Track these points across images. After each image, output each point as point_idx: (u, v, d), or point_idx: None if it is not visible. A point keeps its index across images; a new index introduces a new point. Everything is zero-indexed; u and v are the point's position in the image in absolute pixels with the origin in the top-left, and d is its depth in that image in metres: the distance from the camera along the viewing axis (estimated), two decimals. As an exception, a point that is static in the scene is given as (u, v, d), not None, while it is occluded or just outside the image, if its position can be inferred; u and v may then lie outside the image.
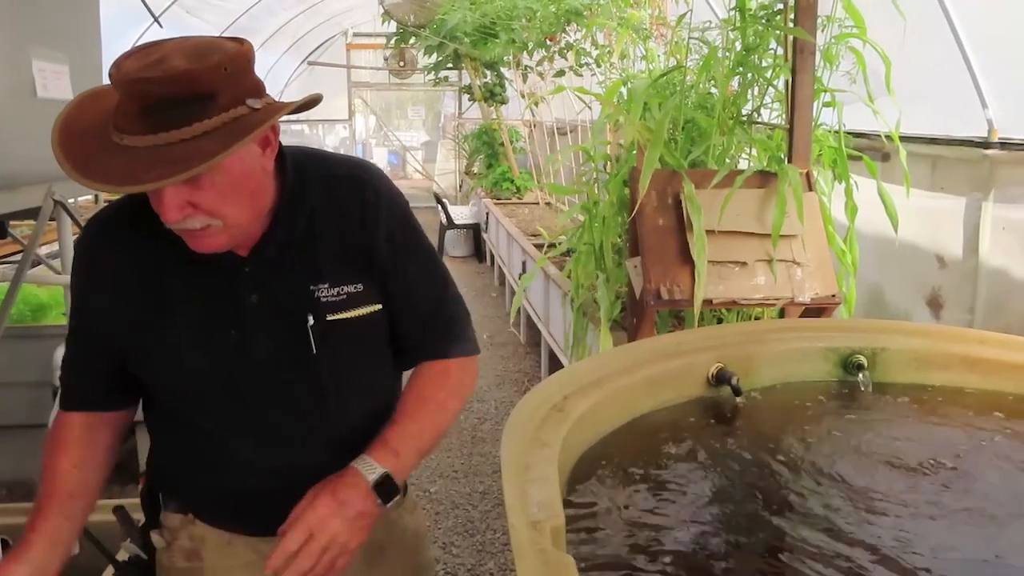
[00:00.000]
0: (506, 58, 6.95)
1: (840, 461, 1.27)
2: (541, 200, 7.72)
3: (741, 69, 2.47)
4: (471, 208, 9.14)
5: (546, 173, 7.76)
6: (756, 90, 2.52)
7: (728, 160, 2.50)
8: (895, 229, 2.38)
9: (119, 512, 1.38)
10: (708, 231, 2.10)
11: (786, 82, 2.31)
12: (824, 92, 2.41)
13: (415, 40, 8.18)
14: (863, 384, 1.53)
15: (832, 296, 2.15)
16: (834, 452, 1.30)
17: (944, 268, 2.79)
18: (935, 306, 2.84)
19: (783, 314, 2.33)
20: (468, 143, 10.50)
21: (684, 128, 2.57)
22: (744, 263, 2.14)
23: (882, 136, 2.46)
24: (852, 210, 2.44)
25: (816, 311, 2.19)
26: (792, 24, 2.23)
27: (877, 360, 1.56)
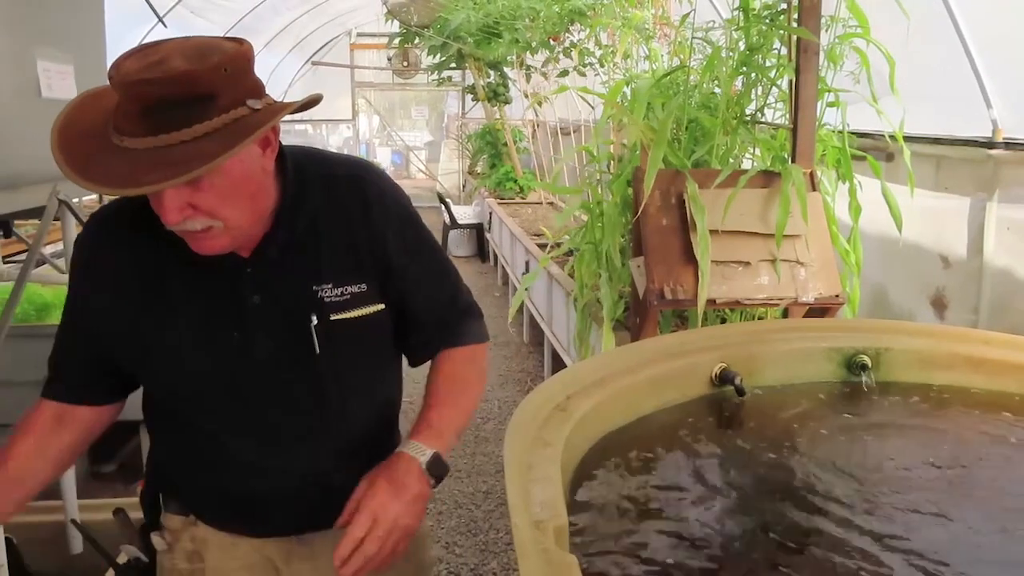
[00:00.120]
0: (509, 58, 6.94)
1: (844, 461, 1.26)
2: (544, 200, 7.72)
3: (745, 69, 2.46)
4: (474, 208, 9.14)
5: (550, 174, 7.75)
6: (760, 90, 2.52)
7: (732, 160, 2.50)
8: (899, 229, 2.38)
9: (119, 514, 1.38)
10: (712, 231, 2.10)
11: (790, 82, 2.31)
12: (828, 92, 2.41)
13: (419, 40, 8.18)
14: (867, 384, 1.52)
15: (836, 296, 2.15)
16: (838, 452, 1.30)
17: (948, 268, 2.79)
18: (939, 306, 2.83)
19: (787, 314, 2.33)
20: (471, 143, 10.50)
21: (688, 128, 2.57)
22: (748, 263, 2.13)
23: (886, 136, 2.45)
24: (856, 210, 2.43)
25: (820, 311, 2.19)
26: (796, 24, 2.22)
27: (881, 360, 1.55)
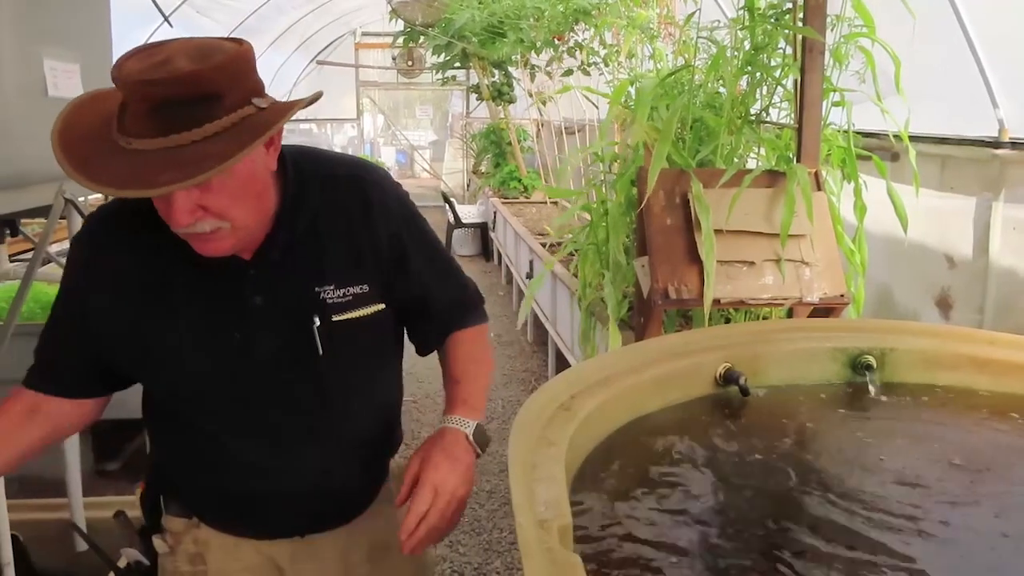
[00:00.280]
0: (514, 57, 6.95)
1: (848, 462, 1.26)
2: (548, 199, 7.71)
3: (750, 68, 2.46)
4: (478, 207, 9.14)
5: (554, 176, 7.75)
6: (765, 89, 2.52)
7: (736, 159, 2.50)
8: (904, 229, 2.37)
9: (120, 516, 1.37)
10: (716, 230, 2.09)
11: (795, 81, 2.31)
12: (833, 91, 2.40)
13: (423, 39, 8.19)
14: (872, 385, 1.52)
15: (841, 296, 2.15)
16: (842, 453, 1.30)
17: (954, 268, 2.78)
18: (944, 306, 2.83)
19: (791, 314, 2.32)
20: (476, 142, 10.51)
21: (692, 127, 2.57)
22: (752, 263, 2.13)
23: (891, 136, 2.45)
24: (861, 210, 2.43)
25: (824, 311, 2.18)
26: (801, 23, 2.22)
27: (886, 360, 1.55)
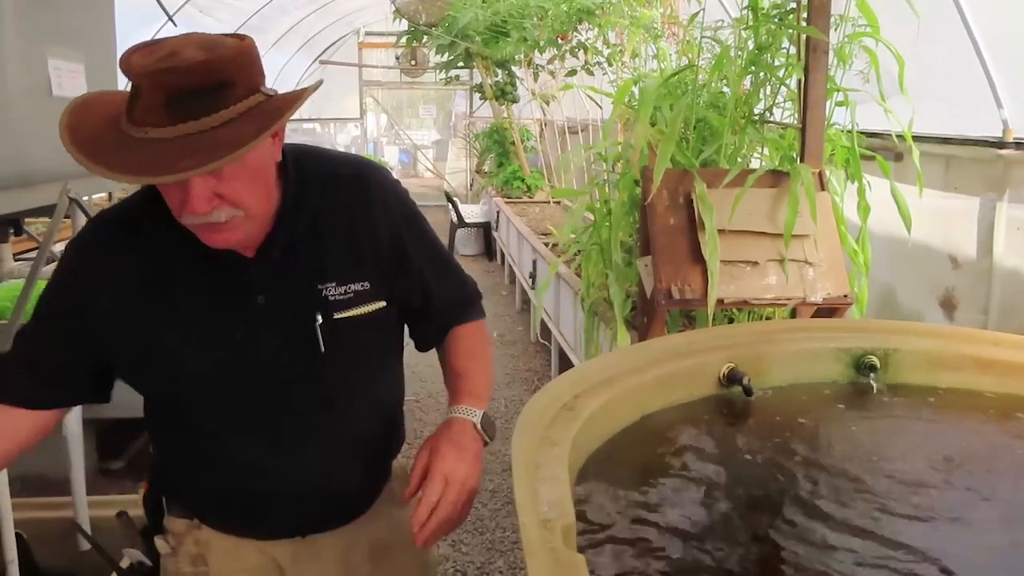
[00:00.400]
0: (517, 57, 6.94)
1: (853, 462, 1.26)
2: (551, 199, 7.71)
3: (753, 68, 2.46)
4: (482, 207, 9.14)
5: (558, 174, 7.75)
6: (768, 89, 2.51)
7: (740, 159, 2.49)
8: (908, 229, 2.37)
9: (122, 517, 1.37)
10: (720, 230, 2.09)
11: (799, 81, 2.30)
12: (837, 91, 2.40)
13: (427, 39, 8.19)
14: (875, 385, 1.52)
15: (844, 296, 2.15)
16: (845, 453, 1.30)
17: (958, 269, 2.78)
18: (948, 307, 2.82)
19: (795, 314, 2.32)
20: (479, 142, 10.51)
21: (696, 127, 2.57)
22: (756, 263, 2.13)
23: (895, 136, 2.44)
24: (865, 210, 2.43)
25: (828, 311, 2.18)
26: (805, 23, 2.22)
27: (889, 361, 1.55)
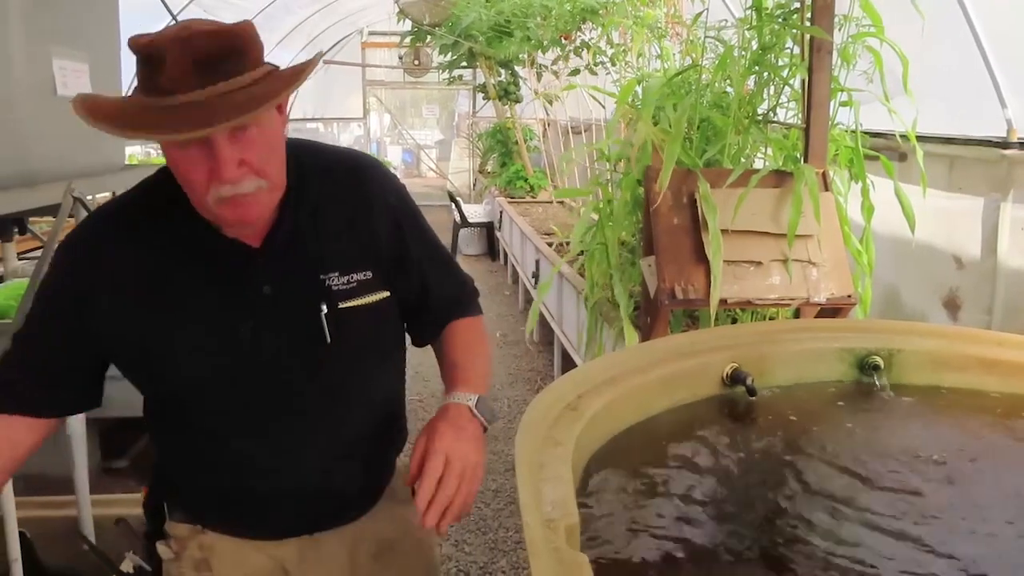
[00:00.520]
0: (521, 56, 6.94)
1: (855, 463, 1.26)
2: (555, 199, 7.71)
3: (757, 68, 2.45)
4: (485, 207, 9.14)
5: (560, 172, 7.74)
6: (772, 89, 2.51)
7: (743, 159, 2.49)
8: (912, 229, 2.37)
9: (121, 523, 1.35)
10: (723, 230, 2.09)
11: (802, 81, 2.30)
12: (841, 91, 2.40)
13: (430, 39, 8.19)
14: (879, 385, 1.52)
15: (848, 296, 2.14)
16: (849, 454, 1.29)
17: (961, 269, 2.77)
18: (952, 307, 2.82)
19: (798, 314, 2.32)
20: (482, 142, 10.51)
21: (699, 127, 2.57)
22: (759, 263, 2.13)
23: (899, 136, 2.44)
24: (868, 210, 2.42)
25: (832, 311, 2.18)
26: (809, 23, 2.21)
27: (893, 361, 1.55)
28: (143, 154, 7.73)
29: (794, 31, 2.34)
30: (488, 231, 8.86)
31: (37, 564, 2.16)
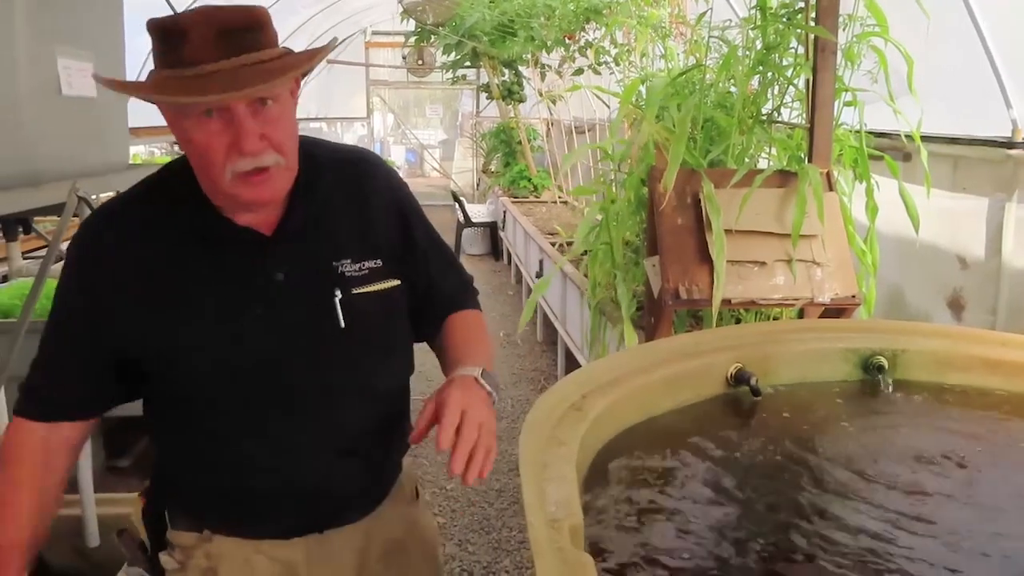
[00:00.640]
0: (524, 56, 6.94)
1: (859, 464, 1.26)
2: (558, 199, 7.71)
3: (761, 68, 2.45)
4: (488, 206, 9.14)
5: (562, 172, 7.74)
6: (776, 89, 2.51)
7: (748, 159, 2.49)
8: (916, 229, 2.36)
9: (123, 535, 1.33)
10: (727, 230, 2.09)
11: (807, 81, 2.30)
12: (845, 91, 2.39)
13: (434, 38, 8.19)
14: (883, 385, 1.52)
15: (852, 297, 2.14)
16: (853, 455, 1.29)
17: (966, 269, 2.76)
18: (956, 307, 2.81)
19: (802, 314, 2.32)
20: (486, 141, 10.51)
21: (703, 127, 2.56)
22: (763, 263, 2.13)
23: (903, 136, 2.44)
24: (872, 210, 2.42)
25: (836, 312, 2.18)
26: (813, 22, 2.21)
27: (897, 362, 1.55)
28: (147, 153, 7.74)
29: (798, 31, 2.33)
30: (492, 231, 8.86)
31: (41, 562, 2.17)
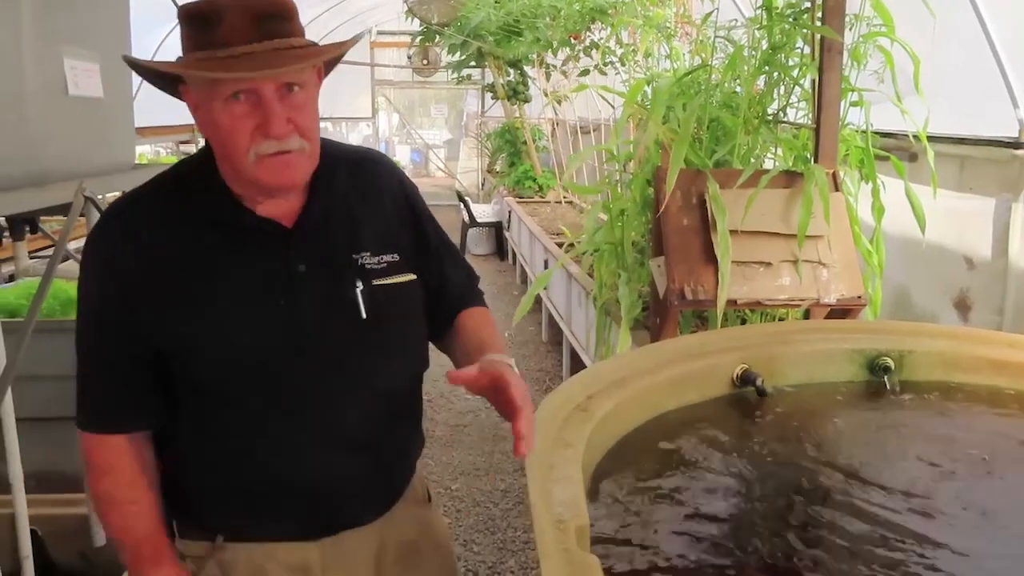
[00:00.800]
0: (530, 56, 6.94)
1: (864, 464, 1.25)
2: (563, 199, 7.71)
3: (767, 68, 2.45)
4: (493, 206, 9.14)
5: (568, 174, 7.74)
6: (782, 89, 2.51)
7: (753, 160, 2.49)
8: (922, 230, 2.36)
9: None
10: (732, 231, 2.09)
11: (813, 81, 2.29)
12: (851, 91, 2.39)
13: (439, 38, 8.20)
14: (890, 386, 1.51)
15: (858, 297, 2.14)
16: (858, 455, 1.29)
17: (972, 269, 2.76)
18: (963, 308, 2.80)
19: (808, 315, 2.31)
20: (491, 141, 10.52)
21: (709, 127, 2.56)
22: (769, 263, 2.12)
23: (910, 136, 2.43)
24: (879, 210, 2.41)
25: (841, 312, 2.17)
26: (820, 22, 2.21)
27: (904, 363, 1.54)
28: (153, 153, 7.76)
29: (804, 31, 2.33)
30: (497, 231, 8.86)
31: (48, 561, 2.18)
